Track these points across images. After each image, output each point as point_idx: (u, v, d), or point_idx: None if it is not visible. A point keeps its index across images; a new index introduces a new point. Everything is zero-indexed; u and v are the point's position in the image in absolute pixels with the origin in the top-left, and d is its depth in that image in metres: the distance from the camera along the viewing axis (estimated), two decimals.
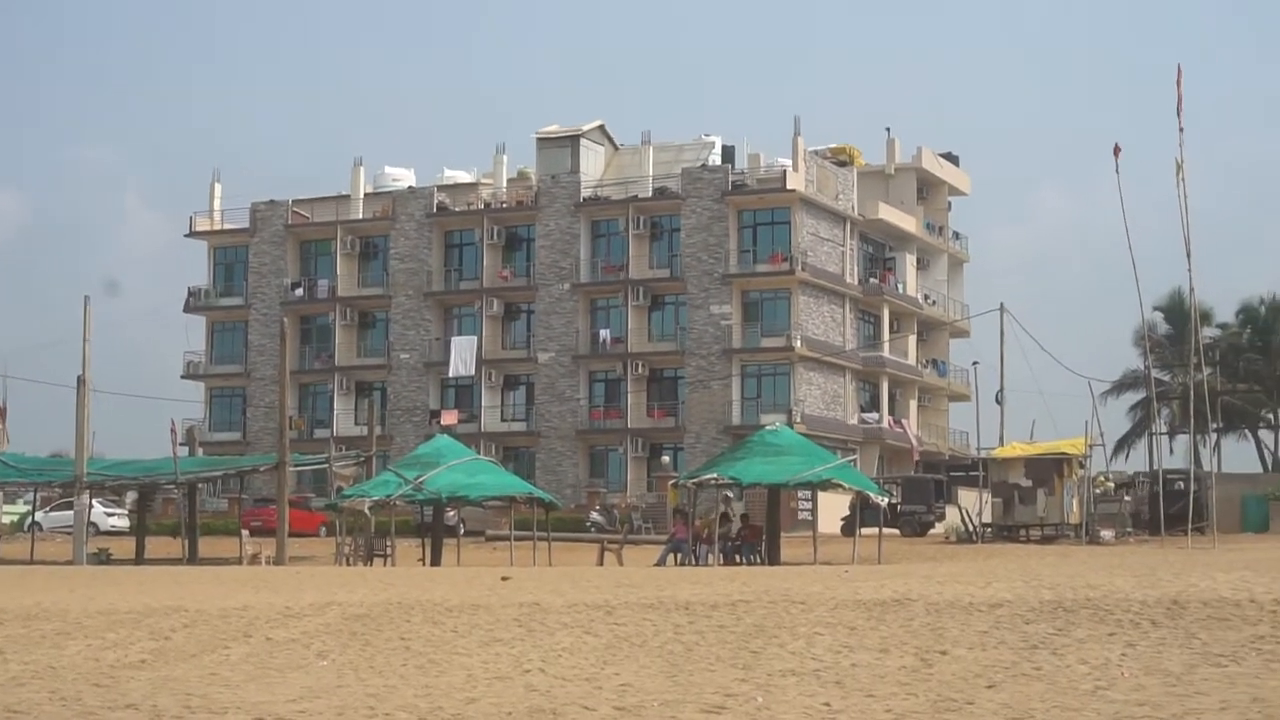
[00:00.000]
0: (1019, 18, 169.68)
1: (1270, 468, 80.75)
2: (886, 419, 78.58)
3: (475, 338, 76.50)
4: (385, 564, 40.41)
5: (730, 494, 42.76)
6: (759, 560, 39.22)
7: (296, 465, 51.74)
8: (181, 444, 53.33)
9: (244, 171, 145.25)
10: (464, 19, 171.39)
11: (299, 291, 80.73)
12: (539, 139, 78.85)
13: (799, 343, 71.59)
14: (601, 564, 40.04)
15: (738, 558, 39.91)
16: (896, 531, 50.58)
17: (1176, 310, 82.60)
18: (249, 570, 37.73)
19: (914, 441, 77.89)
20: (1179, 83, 39.99)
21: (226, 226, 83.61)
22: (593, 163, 78.28)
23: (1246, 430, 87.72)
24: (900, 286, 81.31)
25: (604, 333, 75.28)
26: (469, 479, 41.30)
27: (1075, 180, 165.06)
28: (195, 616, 20.22)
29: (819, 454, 41.06)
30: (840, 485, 39.84)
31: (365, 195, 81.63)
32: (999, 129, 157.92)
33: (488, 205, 78.83)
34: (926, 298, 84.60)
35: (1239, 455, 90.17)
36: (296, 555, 45.27)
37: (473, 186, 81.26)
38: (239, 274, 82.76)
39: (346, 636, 18.38)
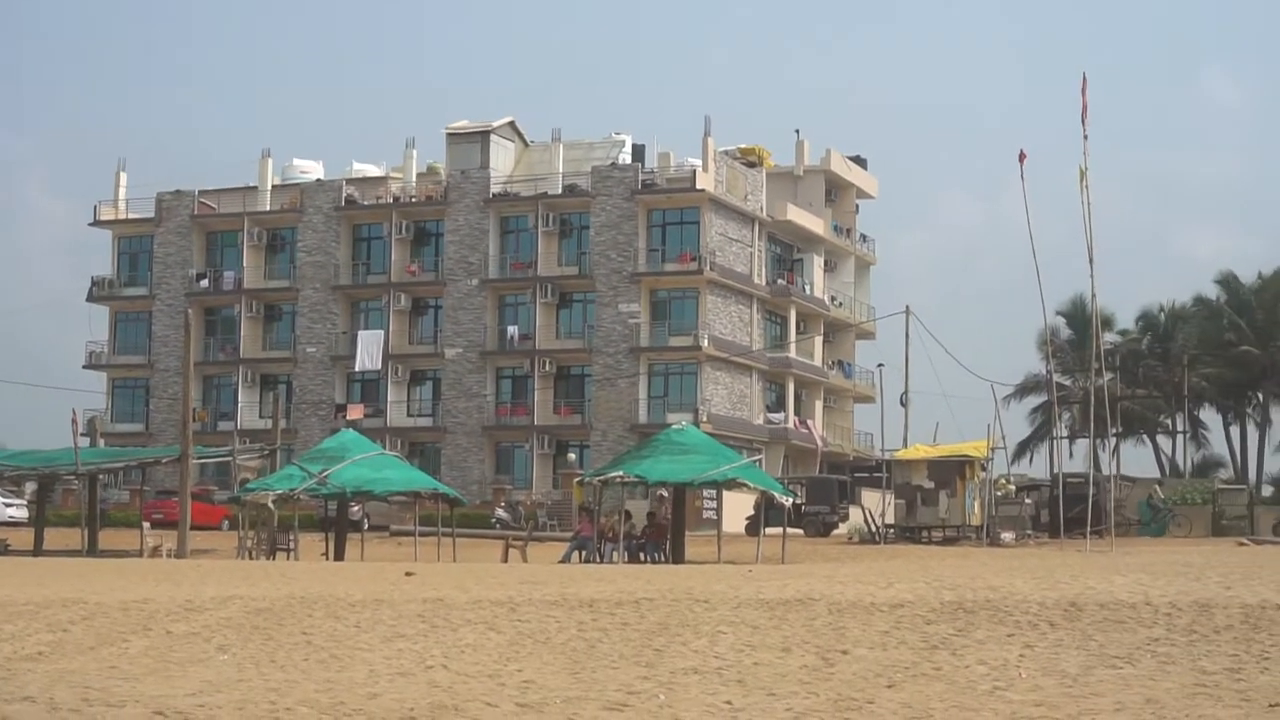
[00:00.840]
0: (930, 22, 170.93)
1: (1168, 472, 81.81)
2: (792, 419, 78.95)
3: (382, 332, 76.24)
4: (288, 558, 40.12)
5: (665, 493, 42.65)
6: (663, 559, 39.29)
7: (199, 458, 51.27)
8: (83, 435, 52.73)
9: (150, 161, 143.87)
10: (375, 13, 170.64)
11: (204, 283, 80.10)
12: (449, 134, 78.65)
13: (706, 342, 71.80)
14: (506, 561, 39.95)
15: (642, 556, 39.97)
16: (800, 532, 50.84)
17: (1078, 316, 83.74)
18: (150, 563, 37.38)
19: (819, 442, 78.30)
20: (1084, 91, 40.45)
21: (131, 216, 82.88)
22: (503, 159, 78.16)
23: (1145, 435, 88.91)
24: (807, 288, 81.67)
25: (512, 329, 75.21)
26: (374, 474, 41.09)
27: (984, 185, 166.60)
28: (94, 609, 20.02)
29: (724, 453, 41.15)
30: (745, 485, 39.94)
31: (273, 187, 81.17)
32: (908, 133, 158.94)
33: (397, 199, 78.53)
34: (833, 299, 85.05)
35: (1137, 459, 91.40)
36: (198, 548, 44.86)
37: (382, 181, 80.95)
38: (144, 264, 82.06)
39: (248, 630, 18.27)
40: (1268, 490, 79.40)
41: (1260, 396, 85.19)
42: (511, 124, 79.96)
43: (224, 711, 12.87)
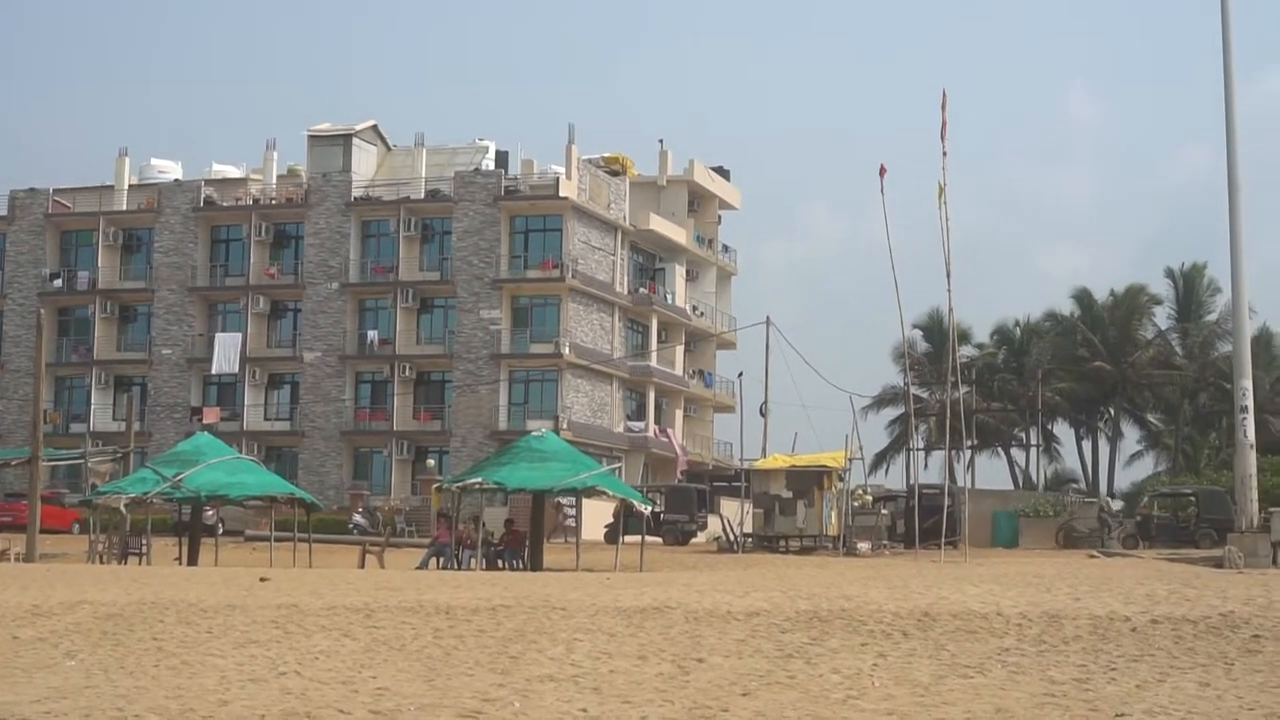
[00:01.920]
0: (795, 34, 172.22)
1: (1021, 484, 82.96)
2: (652, 428, 79.19)
3: (240, 335, 75.48)
4: (140, 563, 39.54)
5: (566, 504, 42.31)
6: (522, 566, 39.23)
7: (50, 460, 50.39)
8: None
9: (2, 158, 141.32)
10: (238, 12, 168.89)
11: (58, 282, 78.80)
12: (310, 136, 78.03)
13: (567, 350, 71.80)
14: (363, 567, 39.69)
15: (500, 563, 39.87)
16: (659, 540, 50.94)
17: (936, 329, 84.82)
18: None
19: (679, 451, 78.56)
20: (944, 107, 41.06)
21: None
22: (365, 162, 77.70)
23: (999, 448, 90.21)
24: (669, 297, 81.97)
25: (372, 334, 74.80)
26: (229, 478, 40.60)
27: (847, 198, 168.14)
28: None
29: (584, 461, 41.16)
30: (605, 493, 39.97)
31: (130, 187, 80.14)
32: (771, 145, 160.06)
33: (256, 201, 77.83)
34: (695, 309, 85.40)
35: (992, 472, 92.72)
36: (48, 552, 44.09)
37: (241, 182, 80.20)
38: None
39: (97, 636, 17.99)
40: (1118, 504, 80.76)
41: (1112, 411, 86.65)
42: (374, 128, 79.50)
43: (70, 718, 12.65)
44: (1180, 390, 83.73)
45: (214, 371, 75.51)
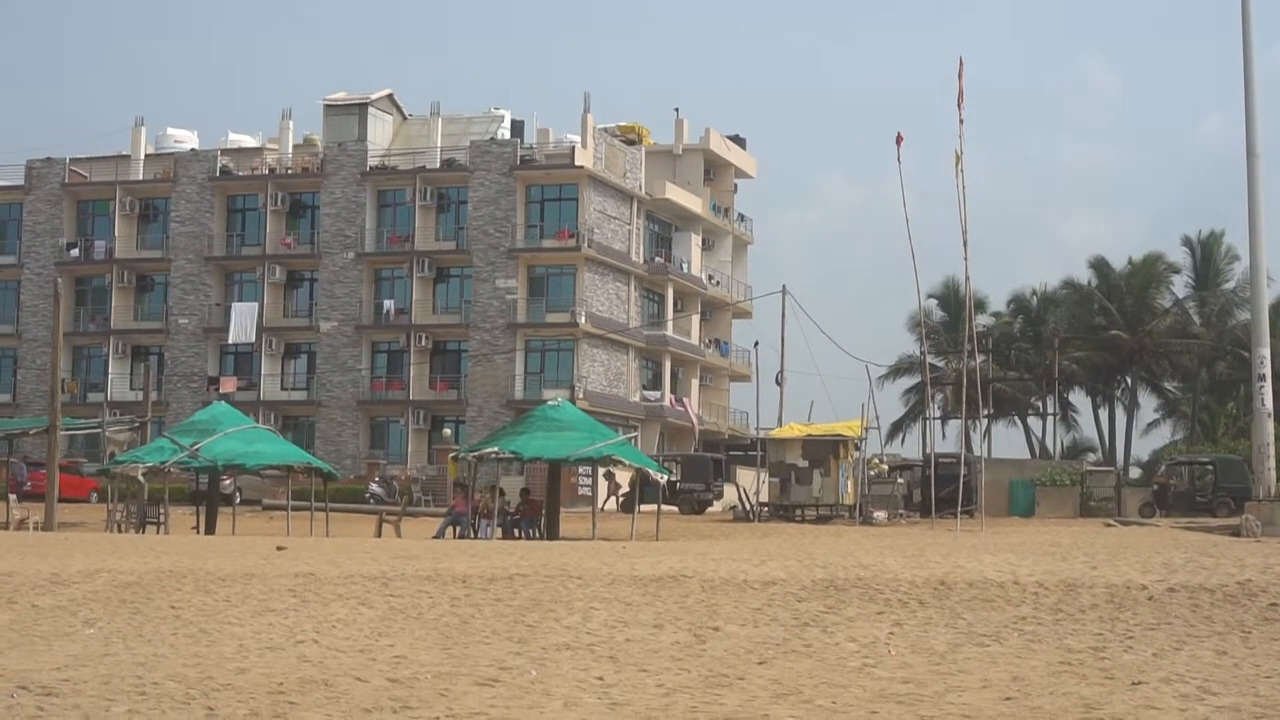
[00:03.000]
0: (813, 5, 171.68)
1: (1037, 454, 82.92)
2: (668, 397, 79.17)
3: (256, 304, 75.52)
4: (158, 531, 39.70)
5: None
6: (538, 535, 39.29)
7: (68, 429, 50.56)
8: None
9: (20, 128, 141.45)
10: None
11: (75, 252, 78.85)
12: (326, 106, 77.97)
13: (583, 319, 71.77)
14: (379, 536, 39.78)
15: (516, 532, 39.93)
16: (675, 509, 51.02)
17: (952, 298, 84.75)
18: (16, 535, 36.79)
19: (695, 420, 78.60)
20: (960, 75, 40.91)
21: (0, 183, 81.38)
22: (380, 132, 77.62)
23: (1016, 417, 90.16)
24: (685, 266, 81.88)
25: (388, 303, 74.78)
26: (246, 447, 40.72)
27: (864, 167, 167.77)
28: None
29: (600, 430, 41.19)
30: (621, 462, 40.01)
31: (146, 156, 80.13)
32: (788, 113, 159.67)
33: (272, 171, 77.80)
34: (710, 278, 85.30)
35: (1008, 441, 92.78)
36: (66, 521, 44.27)
37: (257, 151, 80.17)
38: (12, 232, 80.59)
39: (115, 604, 18.05)
40: (1135, 472, 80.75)
41: (1129, 380, 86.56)
42: (390, 97, 79.42)
43: (89, 685, 12.69)
44: (1197, 359, 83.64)
45: (230, 341, 75.60)
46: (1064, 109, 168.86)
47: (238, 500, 49.96)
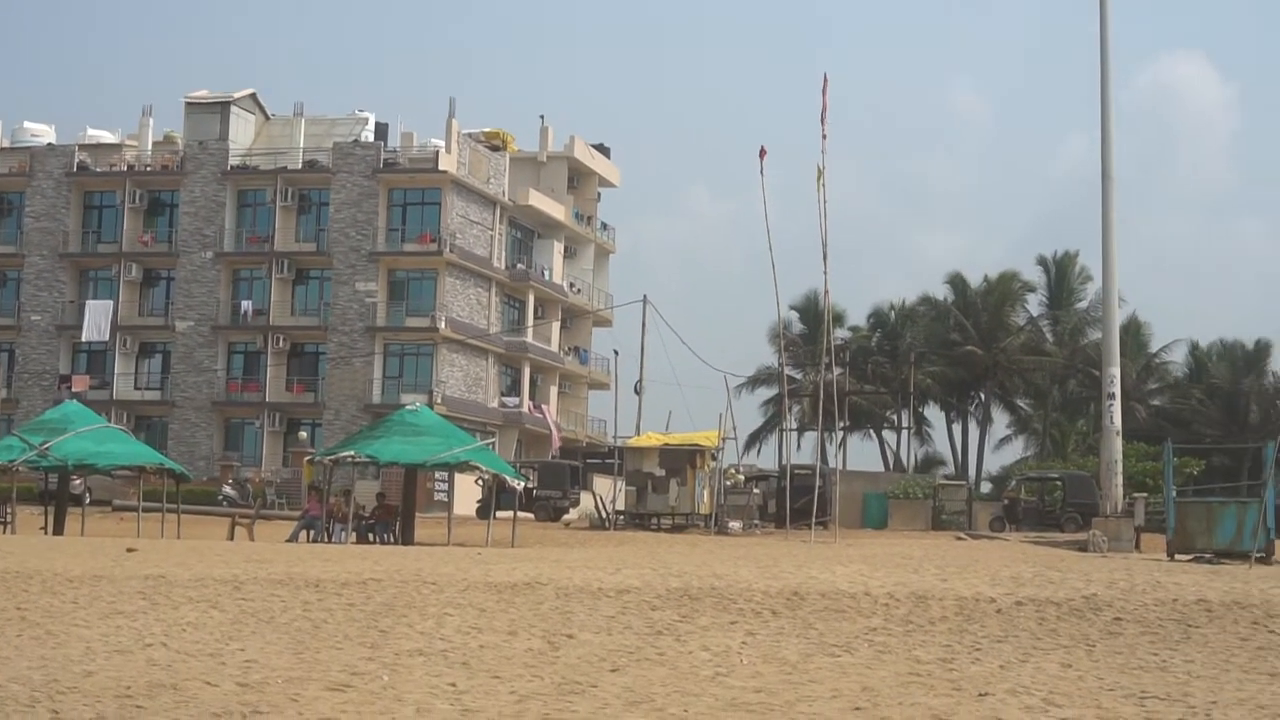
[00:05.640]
0: (682, 15, 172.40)
1: (892, 466, 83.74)
2: (527, 404, 79.11)
3: (111, 302, 74.52)
4: (4, 531, 39.01)
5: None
6: (393, 540, 39.05)
7: None
8: None
9: None
10: None
11: None
12: (188, 103, 77.10)
13: (443, 324, 71.57)
14: (232, 538, 39.34)
15: (371, 536, 39.66)
16: (532, 516, 50.94)
17: (812, 311, 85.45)
18: None
19: (553, 427, 78.57)
20: (824, 91, 41.25)
21: None
22: (242, 131, 76.90)
23: (871, 430, 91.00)
24: (546, 273, 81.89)
25: (246, 304, 74.10)
26: (97, 447, 40.07)
27: (728, 178, 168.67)
28: None
29: (458, 435, 41.01)
30: (478, 468, 39.85)
31: (1, 150, 78.77)
32: (654, 124, 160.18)
33: (131, 168, 76.81)
34: (572, 286, 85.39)
35: (863, 454, 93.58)
36: None
37: (117, 148, 79.13)
38: None
39: None
40: (986, 487, 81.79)
41: (982, 396, 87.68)
42: (253, 96, 78.69)
43: None
44: (1049, 376, 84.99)
45: (84, 339, 74.52)
46: (928, 127, 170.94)
47: (88, 500, 49.21)
